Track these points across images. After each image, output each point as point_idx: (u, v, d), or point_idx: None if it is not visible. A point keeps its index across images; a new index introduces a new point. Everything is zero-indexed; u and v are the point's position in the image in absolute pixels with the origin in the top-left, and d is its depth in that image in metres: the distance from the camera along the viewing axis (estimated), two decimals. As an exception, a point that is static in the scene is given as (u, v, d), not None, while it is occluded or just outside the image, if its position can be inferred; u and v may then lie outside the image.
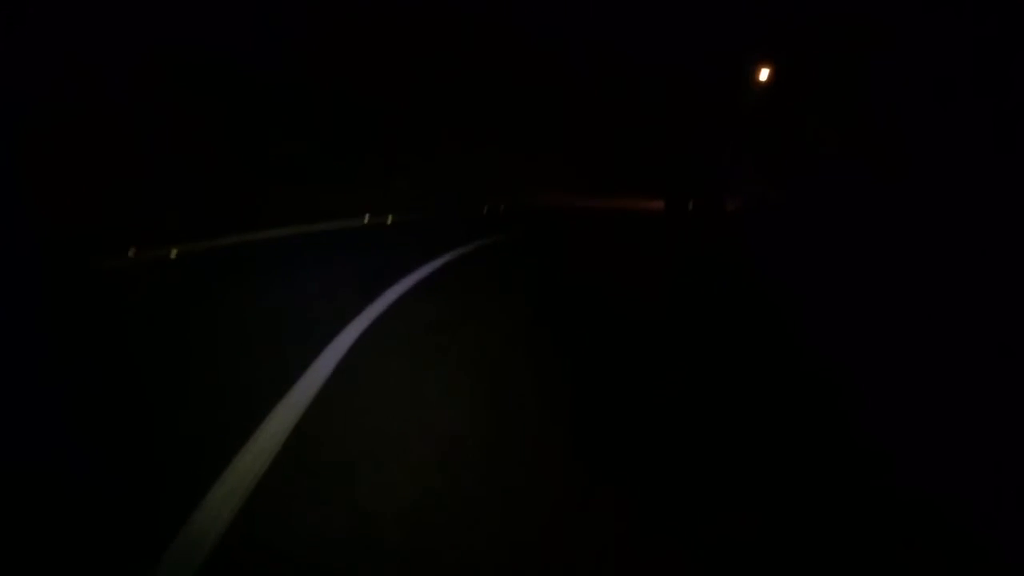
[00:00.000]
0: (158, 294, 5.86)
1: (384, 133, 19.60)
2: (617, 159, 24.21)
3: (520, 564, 2.12)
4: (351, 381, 3.67)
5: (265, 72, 16.30)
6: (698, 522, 2.37)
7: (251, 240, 9.55)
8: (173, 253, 7.70)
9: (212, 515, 2.25)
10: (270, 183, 14.38)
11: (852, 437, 3.17)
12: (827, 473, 2.82)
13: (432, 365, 4.12)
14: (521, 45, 23.03)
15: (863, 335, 5.15)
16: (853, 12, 15.85)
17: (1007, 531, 2.35)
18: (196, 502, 2.31)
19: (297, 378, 3.60)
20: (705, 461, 2.87)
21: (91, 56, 10.92)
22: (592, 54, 24.26)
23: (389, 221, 14.15)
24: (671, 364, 4.37)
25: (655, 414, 3.39)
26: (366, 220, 13.76)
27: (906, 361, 4.46)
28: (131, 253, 7.40)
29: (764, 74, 19.21)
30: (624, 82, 24.42)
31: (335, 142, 18.08)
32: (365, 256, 8.88)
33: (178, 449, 2.80)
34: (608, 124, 24.55)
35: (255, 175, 14.47)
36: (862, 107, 15.49)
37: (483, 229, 13.06)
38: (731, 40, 20.44)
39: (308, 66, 17.67)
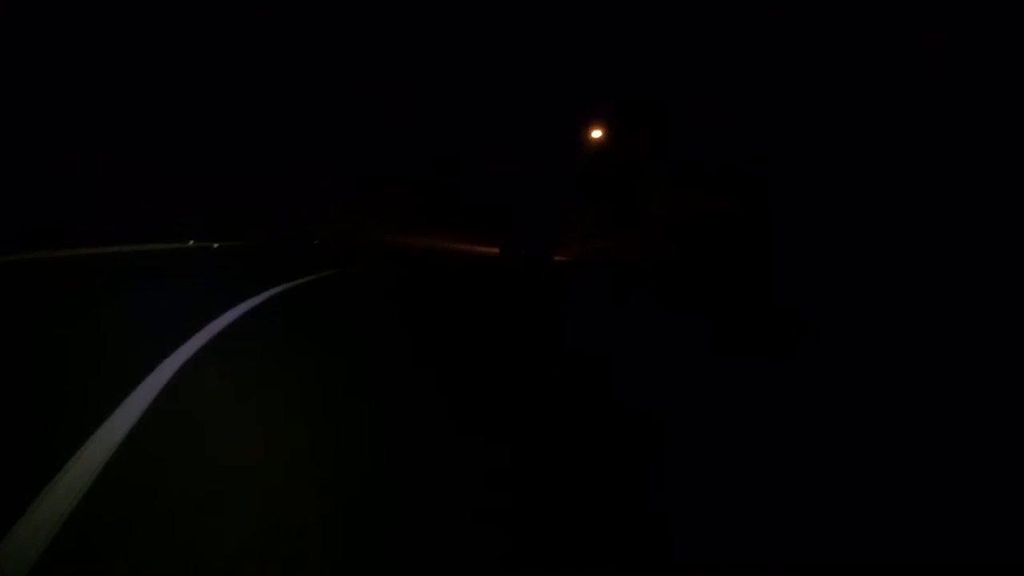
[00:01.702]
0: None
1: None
2: (458, 208, 24.43)
3: None
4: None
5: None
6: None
7: (66, 257, 8.39)
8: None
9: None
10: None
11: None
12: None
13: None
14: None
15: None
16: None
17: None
18: None
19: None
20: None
21: None
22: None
23: (216, 246, 13.15)
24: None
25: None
26: (190, 243, 12.69)
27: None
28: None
29: (597, 134, 20.24)
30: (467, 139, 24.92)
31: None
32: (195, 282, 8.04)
33: None
34: (450, 174, 24.78)
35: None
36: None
37: (325, 260, 12.49)
38: (568, 103, 21.42)
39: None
